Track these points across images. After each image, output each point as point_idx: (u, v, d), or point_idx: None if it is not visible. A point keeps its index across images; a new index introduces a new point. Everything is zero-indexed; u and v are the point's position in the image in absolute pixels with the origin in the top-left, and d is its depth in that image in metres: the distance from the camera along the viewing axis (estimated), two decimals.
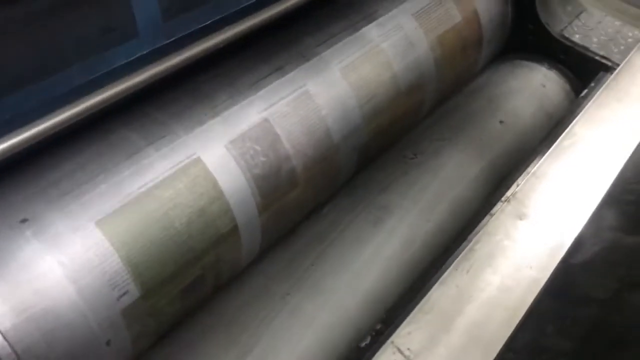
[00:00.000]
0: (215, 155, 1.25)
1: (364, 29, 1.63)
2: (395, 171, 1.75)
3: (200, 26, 1.29)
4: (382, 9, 1.72)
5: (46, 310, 0.99)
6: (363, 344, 1.32)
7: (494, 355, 1.16)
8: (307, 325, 1.41)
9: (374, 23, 1.66)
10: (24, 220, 1.03)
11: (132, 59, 1.19)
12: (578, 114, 1.66)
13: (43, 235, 1.04)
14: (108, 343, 1.06)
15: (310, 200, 1.50)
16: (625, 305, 1.25)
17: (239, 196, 1.26)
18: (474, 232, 1.36)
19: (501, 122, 1.97)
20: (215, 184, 1.23)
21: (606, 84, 1.73)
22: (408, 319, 1.22)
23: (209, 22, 1.30)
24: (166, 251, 1.14)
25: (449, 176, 1.78)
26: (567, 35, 2.21)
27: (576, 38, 2.21)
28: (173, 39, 1.25)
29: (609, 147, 1.55)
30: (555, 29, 2.22)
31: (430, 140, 1.89)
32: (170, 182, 1.18)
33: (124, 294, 1.08)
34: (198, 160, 1.22)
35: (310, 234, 1.57)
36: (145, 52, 1.21)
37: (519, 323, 1.21)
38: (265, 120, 1.34)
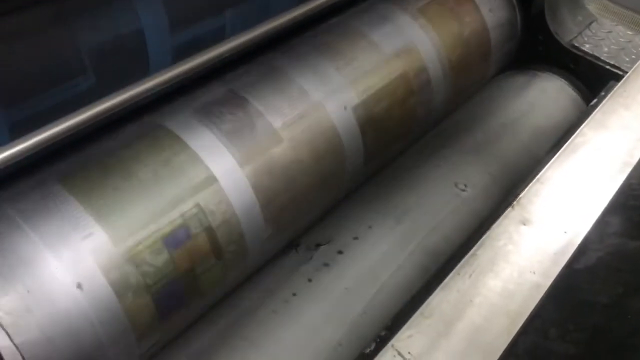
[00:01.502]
0: (179, 121, 1.32)
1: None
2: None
3: None
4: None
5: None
6: (367, 351, 1.32)
7: (495, 359, 1.15)
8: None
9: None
10: None
11: None
12: (585, 121, 1.65)
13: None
14: (79, 286, 1.07)
15: (307, 161, 1.46)
16: (630, 311, 1.23)
17: (208, 147, 1.29)
18: (476, 237, 1.36)
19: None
20: (178, 139, 1.29)
21: (613, 90, 1.72)
22: (409, 322, 1.21)
23: None
24: (131, 198, 1.18)
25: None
26: (577, 44, 2.21)
27: (586, 48, 2.21)
28: None
29: (614, 153, 1.54)
30: (565, 38, 2.22)
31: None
32: (133, 144, 1.26)
33: (89, 235, 1.10)
34: (162, 127, 1.31)
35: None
36: None
37: (520, 328, 1.20)
38: (230, 90, 1.41)
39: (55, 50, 1.20)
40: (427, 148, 1.90)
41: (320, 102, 1.50)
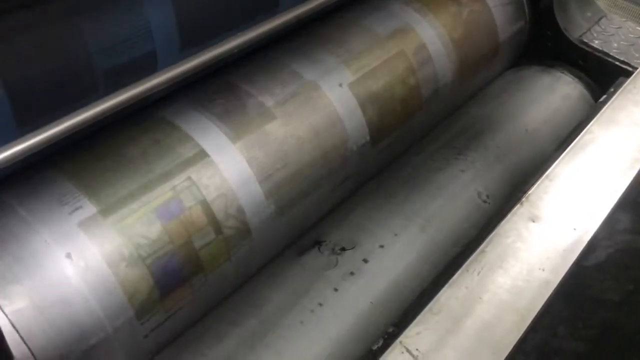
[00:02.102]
0: (172, 109, 1.36)
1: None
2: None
3: None
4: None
5: None
6: (375, 347, 1.32)
7: (504, 356, 1.15)
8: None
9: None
10: None
11: None
12: (594, 117, 1.64)
13: None
14: (68, 256, 1.09)
15: (304, 136, 1.45)
16: (639, 308, 1.23)
17: (199, 128, 1.32)
18: (485, 234, 1.35)
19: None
20: (169, 123, 1.32)
21: (623, 87, 1.71)
22: (417, 319, 1.21)
23: None
24: (120, 174, 1.20)
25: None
26: (586, 40, 2.20)
27: (595, 44, 2.20)
28: None
29: (624, 150, 1.53)
30: (574, 34, 2.21)
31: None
32: (124, 129, 1.30)
33: (77, 208, 1.13)
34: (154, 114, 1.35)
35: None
36: None
37: (529, 325, 1.19)
38: (223, 80, 1.45)
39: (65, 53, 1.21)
40: (442, 148, 1.89)
41: (314, 81, 1.50)
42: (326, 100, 1.50)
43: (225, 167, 1.30)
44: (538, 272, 1.28)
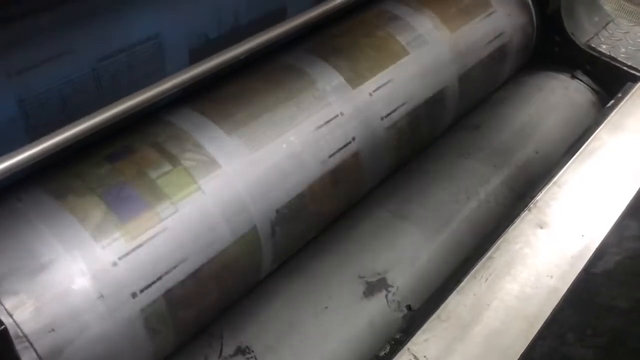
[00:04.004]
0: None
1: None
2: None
3: None
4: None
5: None
6: (382, 353, 1.32)
7: None
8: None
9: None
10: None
11: None
12: (602, 123, 1.64)
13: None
14: (19, 200, 1.12)
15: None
16: None
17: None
18: (492, 240, 1.35)
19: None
20: None
21: (631, 92, 1.71)
22: (425, 326, 1.21)
23: None
24: None
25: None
26: (593, 45, 2.19)
27: (603, 48, 2.19)
28: None
29: (632, 155, 1.53)
30: (581, 39, 2.20)
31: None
32: None
33: None
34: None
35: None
36: None
37: (538, 332, 1.19)
38: None
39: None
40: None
41: None
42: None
43: (186, 126, 1.31)
44: (546, 279, 1.28)
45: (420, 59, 1.69)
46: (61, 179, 1.18)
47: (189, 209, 1.22)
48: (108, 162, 1.21)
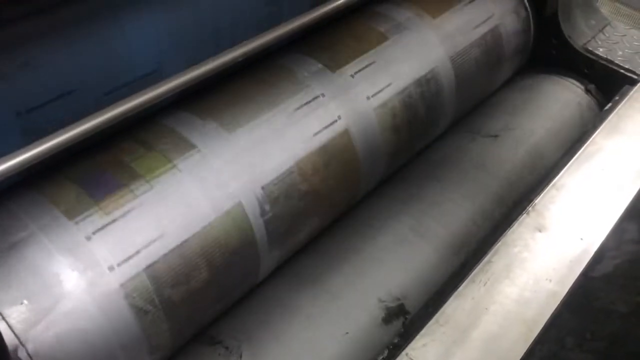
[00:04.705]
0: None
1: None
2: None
3: None
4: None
5: None
6: (380, 358, 1.32)
7: None
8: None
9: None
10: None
11: None
12: (600, 126, 1.64)
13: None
14: None
15: None
16: None
17: None
18: (491, 244, 1.34)
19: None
20: None
21: (629, 95, 1.71)
22: (423, 330, 1.20)
23: None
24: None
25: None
26: (590, 48, 2.19)
27: (600, 51, 2.19)
28: None
29: (630, 159, 1.53)
30: (578, 42, 2.20)
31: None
32: None
33: None
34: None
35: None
36: None
37: (537, 336, 1.19)
38: None
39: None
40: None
41: None
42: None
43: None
44: (545, 283, 1.27)
45: (401, 42, 1.69)
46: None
47: (164, 186, 1.21)
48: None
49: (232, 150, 1.31)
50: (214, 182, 1.26)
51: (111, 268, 1.09)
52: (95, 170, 1.20)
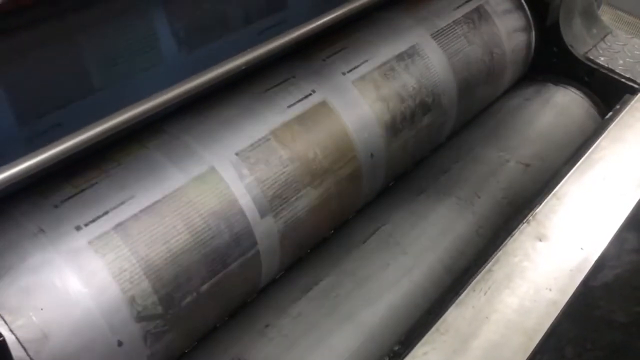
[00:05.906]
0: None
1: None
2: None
3: None
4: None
5: None
6: None
7: None
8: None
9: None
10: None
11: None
12: (601, 135, 1.64)
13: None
14: None
15: None
16: None
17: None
18: (492, 253, 1.35)
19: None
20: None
21: (630, 104, 1.71)
22: (424, 339, 1.20)
23: None
24: None
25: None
26: (592, 57, 2.20)
27: (601, 60, 2.20)
28: None
29: (631, 168, 1.53)
30: (579, 51, 2.21)
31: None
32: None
33: None
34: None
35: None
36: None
37: (537, 346, 1.19)
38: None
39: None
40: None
41: None
42: None
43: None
44: (545, 292, 1.27)
45: (373, 28, 1.73)
46: None
47: (131, 161, 1.27)
48: None
49: (200, 127, 1.36)
50: (182, 152, 1.31)
51: (78, 228, 1.13)
52: None
